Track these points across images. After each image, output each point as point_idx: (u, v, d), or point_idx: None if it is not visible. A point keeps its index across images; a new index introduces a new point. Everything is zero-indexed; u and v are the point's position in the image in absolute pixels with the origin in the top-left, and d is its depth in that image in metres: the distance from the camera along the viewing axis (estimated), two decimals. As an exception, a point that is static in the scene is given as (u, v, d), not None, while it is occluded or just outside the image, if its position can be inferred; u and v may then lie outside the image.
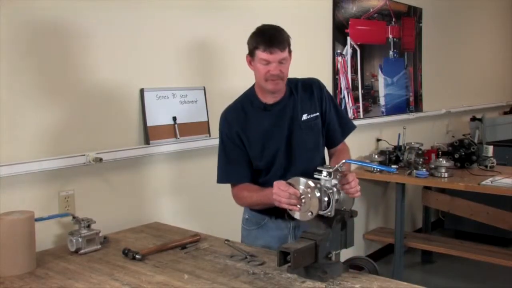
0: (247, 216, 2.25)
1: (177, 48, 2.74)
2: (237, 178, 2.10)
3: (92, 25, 2.36)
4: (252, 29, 2.03)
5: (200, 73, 2.87)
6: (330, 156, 2.23)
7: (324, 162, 2.17)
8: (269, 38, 1.94)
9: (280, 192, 1.79)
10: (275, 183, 1.83)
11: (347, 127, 2.22)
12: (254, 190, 2.06)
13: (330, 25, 3.85)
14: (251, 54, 2.01)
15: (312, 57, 3.67)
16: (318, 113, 2.11)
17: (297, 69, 2.24)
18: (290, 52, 2.01)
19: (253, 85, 2.12)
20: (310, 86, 2.14)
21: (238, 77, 1.96)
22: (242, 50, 2.10)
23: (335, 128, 2.17)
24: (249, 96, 2.12)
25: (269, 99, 2.08)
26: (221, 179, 2.13)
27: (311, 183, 1.74)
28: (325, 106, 2.13)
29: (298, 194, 1.76)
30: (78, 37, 2.31)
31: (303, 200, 1.76)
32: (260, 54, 1.95)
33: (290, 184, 1.79)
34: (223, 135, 2.12)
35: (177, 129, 2.69)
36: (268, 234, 2.18)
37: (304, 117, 2.09)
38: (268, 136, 2.07)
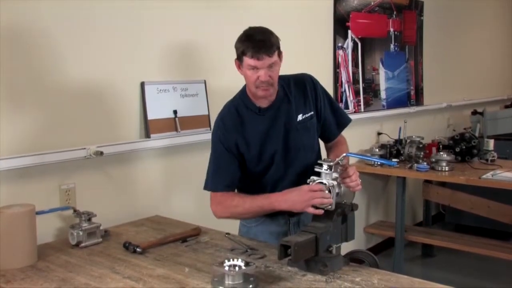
0: None
1: (177, 42, 2.73)
2: (225, 186, 2.02)
3: (92, 18, 2.35)
4: (252, 22, 2.01)
5: (201, 66, 2.87)
6: (328, 149, 2.21)
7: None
8: (257, 44, 1.86)
9: (316, 193, 1.81)
10: (307, 187, 1.84)
11: (343, 121, 2.19)
12: (247, 197, 1.99)
13: (331, 18, 3.83)
14: (239, 59, 1.93)
15: (313, 50, 3.66)
16: (313, 112, 2.07)
17: (298, 63, 2.23)
18: (280, 54, 1.94)
19: (245, 87, 2.05)
20: (303, 83, 2.08)
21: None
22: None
23: (331, 123, 2.14)
24: (243, 99, 2.05)
25: (262, 103, 2.02)
26: (210, 186, 2.05)
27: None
28: (320, 102, 2.09)
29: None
30: (77, 31, 2.31)
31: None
32: (248, 60, 1.88)
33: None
34: (216, 140, 2.05)
35: (177, 123, 2.69)
36: (268, 231, 2.16)
37: (300, 117, 2.04)
38: (265, 139, 2.02)
